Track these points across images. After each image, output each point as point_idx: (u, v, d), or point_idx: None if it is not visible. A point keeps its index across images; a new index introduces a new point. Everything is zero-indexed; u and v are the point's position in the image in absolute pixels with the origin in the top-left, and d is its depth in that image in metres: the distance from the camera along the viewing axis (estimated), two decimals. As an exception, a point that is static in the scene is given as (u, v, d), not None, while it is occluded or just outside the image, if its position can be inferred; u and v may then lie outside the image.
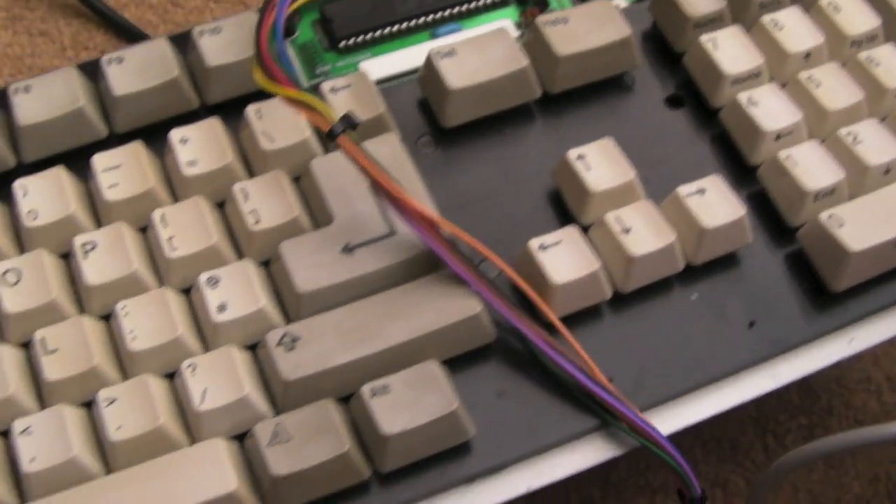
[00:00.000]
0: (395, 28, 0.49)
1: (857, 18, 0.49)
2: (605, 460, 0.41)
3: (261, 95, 0.46)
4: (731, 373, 0.43)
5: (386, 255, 0.41)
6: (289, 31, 0.49)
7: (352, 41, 0.49)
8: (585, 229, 0.44)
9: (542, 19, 0.47)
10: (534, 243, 0.42)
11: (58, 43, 0.56)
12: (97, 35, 0.57)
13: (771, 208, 0.46)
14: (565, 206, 0.45)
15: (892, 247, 0.44)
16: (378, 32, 0.49)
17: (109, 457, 0.38)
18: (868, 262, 0.44)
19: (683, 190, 0.44)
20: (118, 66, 0.44)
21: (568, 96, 0.48)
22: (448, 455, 0.40)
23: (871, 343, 0.44)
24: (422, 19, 0.50)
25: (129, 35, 0.48)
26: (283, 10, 0.43)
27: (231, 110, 0.46)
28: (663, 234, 0.43)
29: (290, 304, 0.41)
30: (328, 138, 0.40)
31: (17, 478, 0.38)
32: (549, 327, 0.42)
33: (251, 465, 0.39)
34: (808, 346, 0.44)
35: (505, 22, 0.50)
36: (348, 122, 0.40)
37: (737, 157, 0.47)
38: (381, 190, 0.40)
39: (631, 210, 0.43)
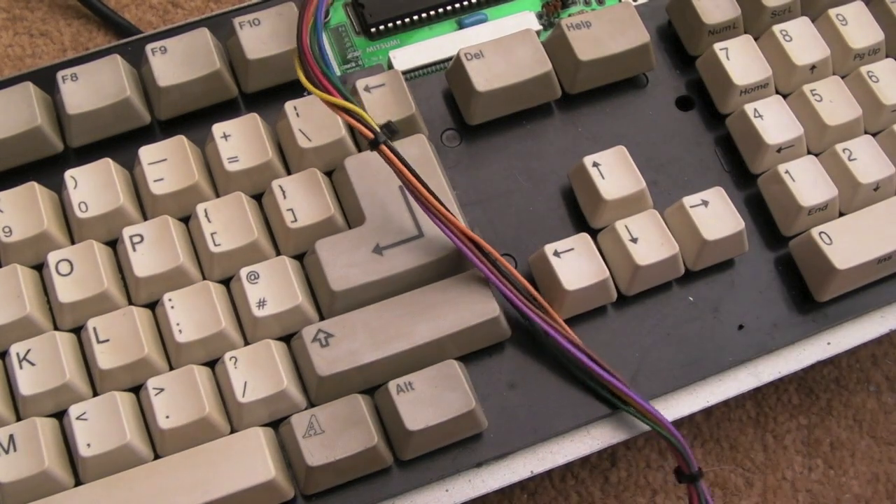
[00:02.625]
0: (424, 16, 0.51)
1: (863, 32, 0.52)
2: (603, 448, 0.45)
3: (297, 85, 0.48)
4: (720, 371, 0.47)
5: (414, 257, 0.44)
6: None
7: (382, 27, 0.51)
8: (595, 231, 0.47)
9: (565, 22, 0.49)
10: (548, 249, 0.45)
11: (58, 44, 0.57)
12: (98, 36, 0.57)
13: (768, 214, 0.49)
14: (578, 205, 0.48)
15: (876, 263, 0.47)
16: (407, 19, 0.51)
17: (157, 442, 0.42)
18: (852, 278, 0.47)
19: (688, 201, 0.47)
20: (162, 57, 0.46)
21: (585, 95, 0.50)
22: (460, 443, 0.44)
23: (847, 347, 0.48)
24: (449, 7, 0.51)
25: (130, 36, 0.49)
26: (323, 7, 0.45)
27: (268, 98, 0.48)
28: (668, 245, 0.46)
29: (324, 299, 0.44)
30: (370, 146, 0.42)
31: (71, 458, 0.42)
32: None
33: (285, 450, 0.43)
34: (788, 349, 0.48)
35: (527, 15, 0.52)
36: (389, 131, 0.43)
37: (740, 161, 0.50)
38: (419, 198, 0.43)
39: (639, 219, 0.46)
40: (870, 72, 0.51)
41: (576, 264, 0.45)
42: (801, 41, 0.51)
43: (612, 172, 0.47)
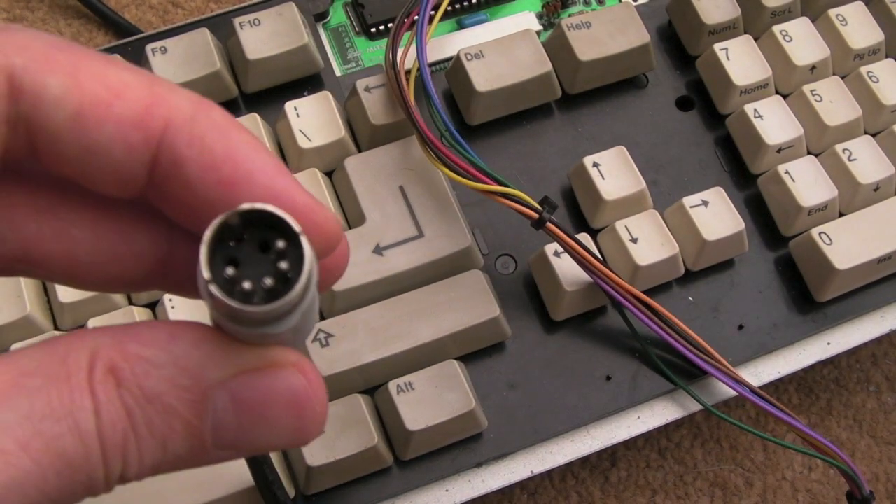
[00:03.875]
0: (424, 16, 0.51)
1: (863, 32, 0.52)
2: (603, 448, 0.45)
3: (296, 86, 0.48)
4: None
5: (414, 257, 0.44)
6: (322, 16, 0.50)
7: (382, 27, 0.51)
8: (595, 231, 0.47)
9: (565, 22, 0.49)
10: (548, 249, 0.46)
11: (59, 44, 0.57)
12: (98, 36, 0.57)
13: (768, 214, 0.49)
14: (578, 205, 0.48)
15: (876, 263, 0.47)
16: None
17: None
18: (852, 278, 0.47)
19: (688, 201, 0.47)
20: (162, 57, 0.46)
21: (585, 95, 0.50)
22: (460, 443, 0.44)
23: (846, 347, 0.48)
24: (449, 7, 0.51)
25: (130, 36, 0.49)
26: (430, 80, 0.44)
27: (268, 98, 0.48)
28: (668, 246, 0.46)
29: (324, 299, 0.44)
30: (535, 226, 0.43)
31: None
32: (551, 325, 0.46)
33: (285, 452, 0.43)
34: (788, 349, 0.48)
35: (528, 15, 0.52)
36: (550, 207, 0.43)
37: (740, 161, 0.50)
38: (589, 268, 0.44)
39: (639, 220, 0.46)
40: (870, 72, 0.51)
41: (576, 264, 0.45)
42: (801, 41, 0.51)
43: (612, 172, 0.47)
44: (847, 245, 0.47)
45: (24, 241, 0.27)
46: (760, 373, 0.47)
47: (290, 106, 0.46)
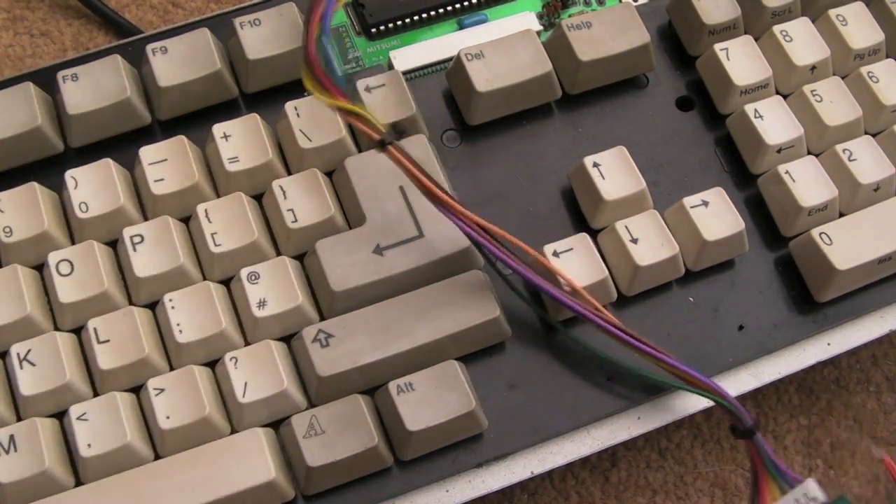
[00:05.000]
0: (424, 16, 0.51)
1: (863, 32, 0.52)
2: (603, 448, 0.45)
3: (297, 85, 0.48)
4: (720, 371, 0.47)
5: (414, 257, 0.44)
6: (322, 16, 0.50)
7: (382, 27, 0.51)
8: (595, 231, 0.47)
9: (566, 22, 0.49)
10: (548, 249, 0.46)
11: (59, 44, 0.57)
12: (98, 36, 0.57)
13: (768, 214, 0.49)
14: (578, 205, 0.48)
15: (876, 264, 0.47)
16: (407, 20, 0.51)
17: (158, 443, 0.42)
18: (852, 278, 0.47)
19: (688, 201, 0.47)
20: (162, 57, 0.46)
21: (585, 95, 0.50)
22: (460, 443, 0.44)
23: (847, 348, 0.48)
24: (449, 7, 0.51)
25: (130, 36, 0.49)
26: (330, 12, 0.44)
27: (269, 98, 0.48)
28: (668, 246, 0.46)
29: (324, 300, 0.44)
30: (377, 147, 0.42)
31: (72, 458, 0.42)
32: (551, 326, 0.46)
33: (285, 450, 0.43)
34: (788, 350, 0.48)
35: (528, 15, 0.52)
36: (397, 132, 0.43)
37: (740, 161, 0.50)
38: (430, 195, 0.42)
39: (639, 220, 0.46)
40: (870, 72, 0.51)
41: (575, 264, 0.45)
42: (802, 41, 0.51)
43: (613, 173, 0.47)
44: (847, 245, 0.47)
45: None
46: (761, 373, 0.47)
47: (290, 106, 0.46)
